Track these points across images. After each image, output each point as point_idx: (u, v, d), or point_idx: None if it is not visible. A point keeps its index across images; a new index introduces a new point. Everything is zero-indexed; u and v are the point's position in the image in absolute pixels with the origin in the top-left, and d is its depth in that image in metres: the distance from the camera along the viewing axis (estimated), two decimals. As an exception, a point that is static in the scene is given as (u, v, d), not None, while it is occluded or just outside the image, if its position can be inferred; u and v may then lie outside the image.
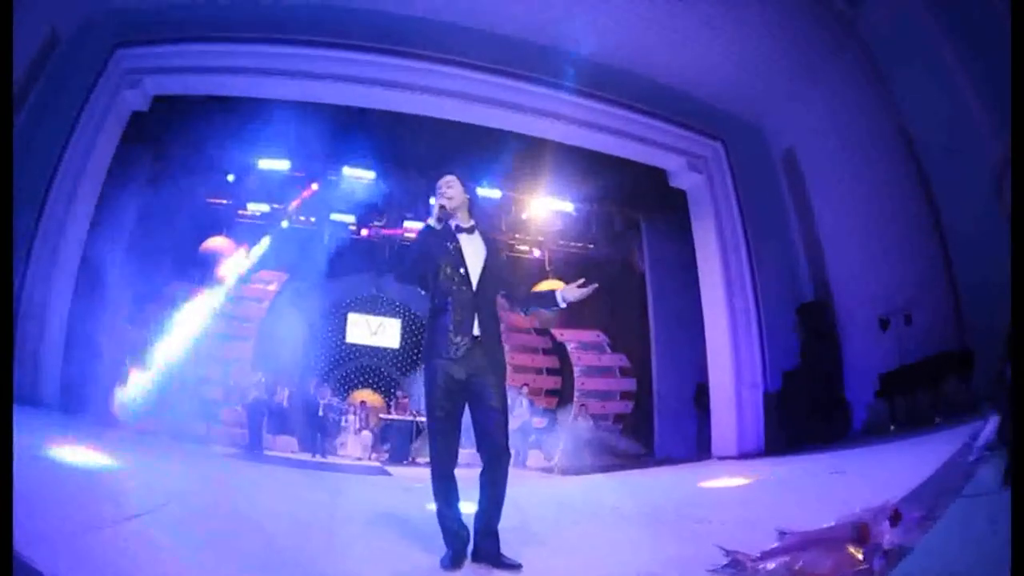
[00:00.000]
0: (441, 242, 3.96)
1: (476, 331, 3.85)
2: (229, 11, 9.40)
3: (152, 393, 10.48)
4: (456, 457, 3.90)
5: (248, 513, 5.07)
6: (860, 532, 3.26)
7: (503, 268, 4.22)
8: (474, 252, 4.01)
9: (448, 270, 3.91)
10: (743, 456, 9.98)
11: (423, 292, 4.07)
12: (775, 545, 3.70)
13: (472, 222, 4.12)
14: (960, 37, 7.59)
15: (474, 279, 3.92)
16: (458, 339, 3.81)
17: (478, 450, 3.84)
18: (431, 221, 3.98)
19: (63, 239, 9.01)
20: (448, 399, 3.82)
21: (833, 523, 3.56)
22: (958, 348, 7.89)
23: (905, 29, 8.34)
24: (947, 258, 8.51)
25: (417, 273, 4.02)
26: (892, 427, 8.47)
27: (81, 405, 8.88)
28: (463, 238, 4.02)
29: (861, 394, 9.47)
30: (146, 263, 10.29)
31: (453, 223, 4.05)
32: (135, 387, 10.37)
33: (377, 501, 6.72)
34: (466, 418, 3.93)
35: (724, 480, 7.87)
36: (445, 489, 3.84)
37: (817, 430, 9.29)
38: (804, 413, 9.67)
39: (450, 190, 4.02)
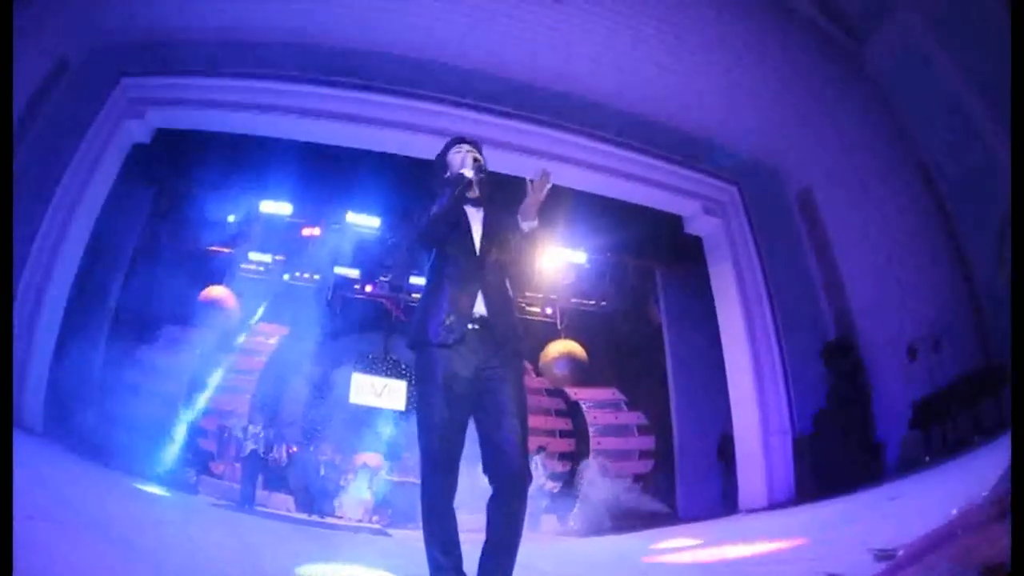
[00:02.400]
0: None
1: (482, 310, 3.03)
2: (239, 48, 9.46)
3: (142, 437, 9.94)
4: (455, 484, 2.92)
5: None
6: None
7: (506, 241, 3.27)
8: (481, 226, 3.27)
9: (451, 241, 3.18)
10: (773, 507, 9.25)
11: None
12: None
13: (480, 195, 3.34)
14: (966, 60, 7.61)
15: (480, 252, 3.17)
16: (453, 318, 2.98)
17: (486, 471, 2.89)
18: (468, 175, 3.20)
19: (53, 272, 8.65)
20: (447, 403, 2.90)
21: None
22: (987, 368, 7.54)
23: (911, 59, 8.37)
24: (970, 282, 8.25)
25: (441, 233, 3.17)
26: (927, 458, 7.92)
27: (66, 437, 8.38)
28: (470, 210, 3.30)
29: (893, 429, 8.91)
30: (142, 304, 9.98)
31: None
32: (124, 429, 9.82)
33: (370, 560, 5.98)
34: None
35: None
36: (441, 530, 2.85)
37: (851, 471, 8.64)
38: (836, 455, 9.03)
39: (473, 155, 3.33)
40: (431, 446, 2.91)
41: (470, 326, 2.99)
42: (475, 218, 3.28)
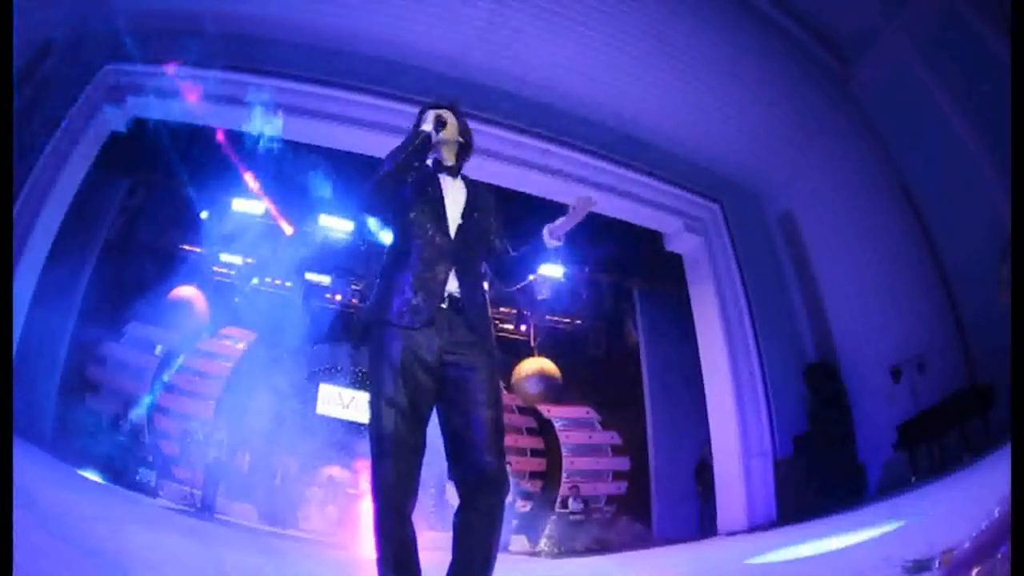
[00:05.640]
0: (416, 180, 2.92)
1: (453, 288, 2.69)
2: (225, 41, 9.11)
3: (101, 434, 9.53)
4: (416, 488, 2.48)
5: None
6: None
7: (487, 220, 2.98)
8: (455, 197, 2.93)
9: (420, 212, 2.82)
10: (754, 529, 9.06)
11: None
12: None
13: (456, 163, 3.07)
14: (955, 88, 7.78)
15: (452, 226, 2.82)
16: (421, 297, 2.61)
17: (452, 475, 2.50)
18: (427, 128, 2.90)
19: (20, 263, 8.17)
20: (408, 390, 2.49)
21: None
22: (972, 388, 7.61)
23: (898, 83, 8.54)
24: (953, 304, 8.37)
25: (389, 193, 2.81)
26: (913, 478, 7.91)
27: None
28: (444, 179, 2.98)
29: (876, 451, 8.90)
30: (109, 300, 9.57)
31: (432, 158, 3.02)
32: (83, 428, 9.46)
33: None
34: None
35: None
36: (396, 551, 2.40)
37: (833, 493, 8.57)
38: (818, 477, 8.93)
39: (451, 119, 3.01)
40: (384, 444, 2.45)
41: (439, 305, 2.64)
42: (451, 188, 2.96)
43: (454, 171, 3.02)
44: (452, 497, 2.44)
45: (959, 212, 8.10)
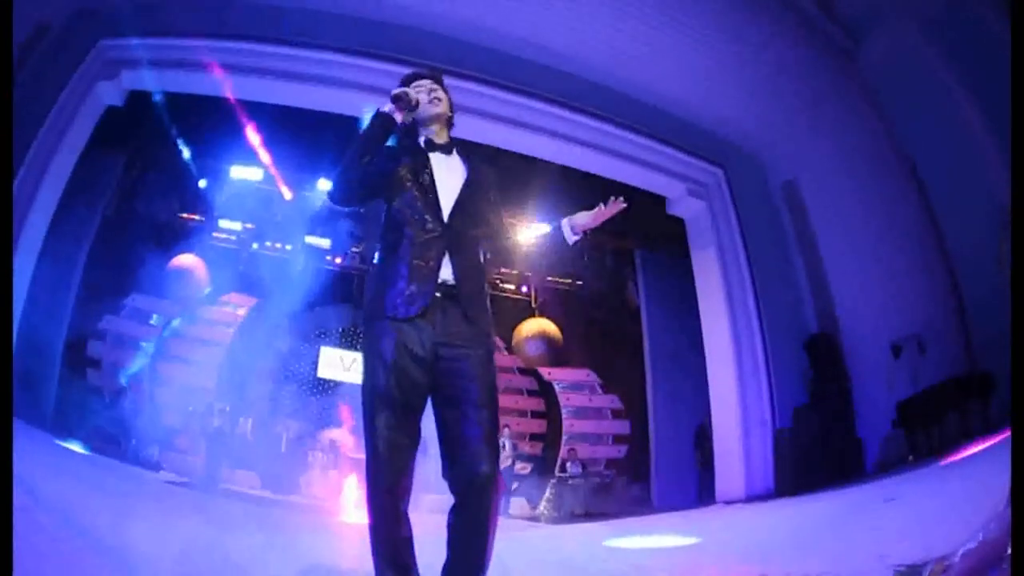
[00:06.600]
0: (404, 158, 2.75)
1: (448, 276, 2.56)
2: (217, 9, 9.09)
3: (103, 410, 9.64)
4: (410, 484, 2.46)
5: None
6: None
7: (487, 200, 2.83)
8: (449, 177, 2.74)
9: (410, 195, 2.65)
10: (752, 499, 9.12)
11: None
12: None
13: (449, 139, 2.87)
14: (960, 66, 7.68)
15: (446, 209, 2.65)
16: (414, 287, 2.50)
17: (446, 475, 2.44)
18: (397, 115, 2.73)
19: (19, 241, 8.15)
20: (400, 386, 2.43)
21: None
22: (972, 371, 7.63)
23: (904, 61, 8.39)
24: (955, 283, 8.32)
25: (364, 185, 2.69)
26: (910, 457, 7.95)
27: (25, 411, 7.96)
28: (436, 157, 2.77)
29: (875, 426, 8.91)
30: (109, 270, 9.54)
31: (423, 136, 2.84)
32: (86, 403, 9.56)
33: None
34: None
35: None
36: (392, 548, 2.41)
37: (831, 467, 8.60)
38: (817, 450, 8.92)
39: (436, 92, 2.84)
40: (378, 438, 2.41)
41: (435, 295, 2.52)
42: (444, 166, 2.76)
43: (447, 148, 2.83)
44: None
45: (962, 191, 8.03)
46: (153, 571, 3.21)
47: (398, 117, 2.73)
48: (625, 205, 2.79)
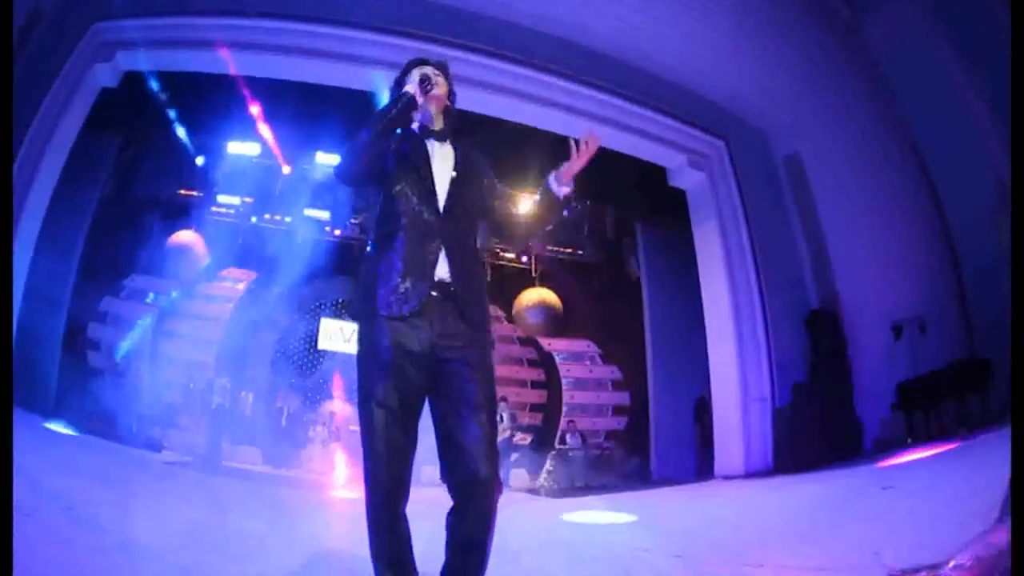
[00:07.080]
0: (404, 144, 2.67)
1: (443, 274, 2.47)
2: None
3: (104, 392, 9.60)
4: (408, 485, 2.40)
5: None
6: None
7: (479, 182, 2.74)
8: (443, 164, 2.66)
9: (405, 183, 2.57)
10: (750, 475, 9.17)
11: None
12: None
13: (445, 127, 2.78)
14: (963, 45, 7.68)
15: (441, 197, 2.58)
16: (408, 283, 2.41)
17: (444, 478, 2.40)
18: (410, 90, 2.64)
19: (19, 225, 8.15)
20: (398, 386, 2.36)
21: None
22: (972, 357, 7.68)
23: (908, 38, 8.38)
24: (956, 264, 8.38)
25: (366, 162, 2.56)
26: (909, 440, 8.00)
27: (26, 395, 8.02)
28: (433, 146, 2.70)
29: (874, 406, 8.97)
30: (108, 251, 9.51)
31: (418, 123, 2.74)
32: (86, 387, 9.56)
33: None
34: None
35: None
36: (390, 545, 2.35)
37: (829, 445, 8.66)
38: (816, 428, 8.93)
39: (438, 77, 2.74)
40: (375, 444, 2.34)
41: (430, 292, 2.43)
42: (439, 155, 2.69)
43: (443, 135, 2.75)
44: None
45: (963, 167, 8.04)
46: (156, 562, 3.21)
47: (419, 100, 2.63)
48: (599, 140, 2.64)
